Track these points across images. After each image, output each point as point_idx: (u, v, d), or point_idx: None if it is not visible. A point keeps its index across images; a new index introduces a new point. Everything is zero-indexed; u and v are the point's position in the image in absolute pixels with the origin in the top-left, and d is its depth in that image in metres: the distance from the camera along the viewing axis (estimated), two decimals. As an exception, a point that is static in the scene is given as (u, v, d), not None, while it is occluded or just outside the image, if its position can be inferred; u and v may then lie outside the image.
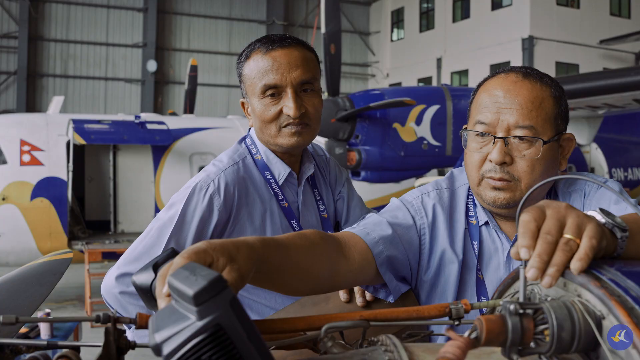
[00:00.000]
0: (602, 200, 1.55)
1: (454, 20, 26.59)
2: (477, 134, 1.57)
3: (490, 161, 1.54)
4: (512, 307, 0.91)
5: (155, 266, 1.12)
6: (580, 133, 11.53)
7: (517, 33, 23.14)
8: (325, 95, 10.75)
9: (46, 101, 23.22)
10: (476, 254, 1.64)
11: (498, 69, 1.65)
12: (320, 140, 11.35)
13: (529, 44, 22.79)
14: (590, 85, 8.76)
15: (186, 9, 28.21)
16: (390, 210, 1.68)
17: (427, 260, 1.65)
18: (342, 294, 1.65)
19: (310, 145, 2.31)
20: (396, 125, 10.22)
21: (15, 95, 24.95)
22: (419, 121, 9.93)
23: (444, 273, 1.64)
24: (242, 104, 2.12)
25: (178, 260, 0.97)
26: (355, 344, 1.14)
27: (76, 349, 1.11)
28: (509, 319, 0.91)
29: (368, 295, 1.62)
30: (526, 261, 0.97)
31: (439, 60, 27.08)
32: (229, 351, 0.83)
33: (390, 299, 1.59)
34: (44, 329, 6.18)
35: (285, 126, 1.99)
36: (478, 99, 1.60)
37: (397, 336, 1.35)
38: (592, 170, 13.57)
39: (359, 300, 1.62)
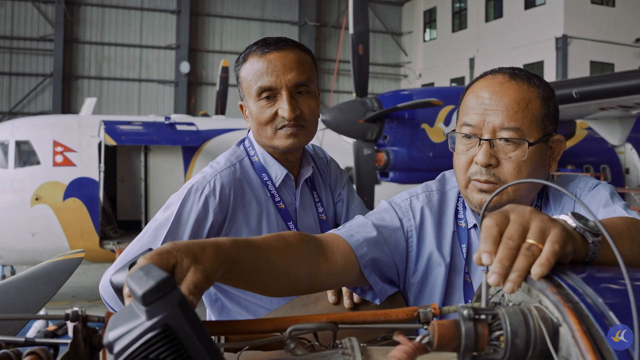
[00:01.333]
0: (592, 202, 1.52)
1: (487, 19, 26.33)
2: (464, 136, 1.56)
3: (476, 163, 1.53)
4: (465, 312, 0.90)
5: (131, 266, 1.14)
6: (613, 133, 11.34)
7: (551, 32, 22.81)
8: (353, 96, 10.75)
9: (81, 102, 23.61)
10: (464, 257, 1.63)
11: (486, 71, 1.63)
12: (348, 141, 11.35)
13: (562, 43, 22.44)
14: (622, 85, 8.60)
15: (219, 11, 28.44)
16: (377, 212, 1.68)
17: (415, 263, 1.64)
18: (331, 296, 1.65)
19: (311, 147, 2.32)
20: (424, 125, 10.17)
21: (51, 97, 25.48)
22: (447, 122, 9.89)
23: (432, 276, 1.63)
24: (241, 106, 2.13)
25: (140, 262, 0.98)
26: (329, 346, 1.14)
27: (54, 347, 1.13)
28: (462, 325, 0.90)
29: (356, 297, 1.62)
30: (489, 267, 0.96)
31: (471, 60, 26.84)
32: (177, 350, 0.85)
33: (377, 301, 1.59)
34: (70, 326, 6.32)
35: (280, 128, 2.00)
36: (465, 101, 1.59)
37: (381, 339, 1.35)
38: (627, 172, 13.31)
39: (346, 302, 1.62)
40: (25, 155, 11.17)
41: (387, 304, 1.60)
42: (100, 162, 11.46)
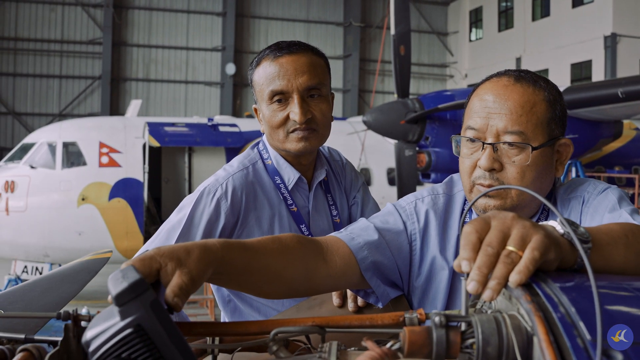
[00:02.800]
0: (599, 207, 1.49)
1: (534, 18, 25.88)
2: (468, 140, 1.54)
3: (480, 167, 1.51)
4: (437, 319, 0.90)
5: None
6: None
7: (599, 30, 22.23)
8: (394, 97, 10.70)
9: (129, 104, 24.16)
10: None
11: (492, 73, 1.61)
12: (390, 142, 11.30)
13: (611, 42, 21.85)
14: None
15: (264, 12, 28.63)
16: (381, 215, 1.67)
17: (418, 267, 1.63)
18: (336, 299, 1.65)
19: (326, 149, 2.32)
20: (467, 126, 10.03)
21: (99, 99, 26.07)
22: (490, 122, 9.69)
23: (435, 280, 1.61)
24: (255, 110, 2.15)
25: (123, 266, 1.00)
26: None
27: (54, 344, 1.17)
28: (434, 331, 0.90)
29: (360, 301, 1.62)
30: (468, 274, 0.96)
31: (518, 60, 26.40)
32: (149, 350, 0.88)
33: (380, 305, 1.58)
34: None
35: (292, 131, 2.01)
36: (470, 104, 1.57)
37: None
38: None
39: (350, 305, 1.63)
40: (72, 156, 11.48)
41: (391, 308, 1.60)
42: (144, 163, 11.69)
